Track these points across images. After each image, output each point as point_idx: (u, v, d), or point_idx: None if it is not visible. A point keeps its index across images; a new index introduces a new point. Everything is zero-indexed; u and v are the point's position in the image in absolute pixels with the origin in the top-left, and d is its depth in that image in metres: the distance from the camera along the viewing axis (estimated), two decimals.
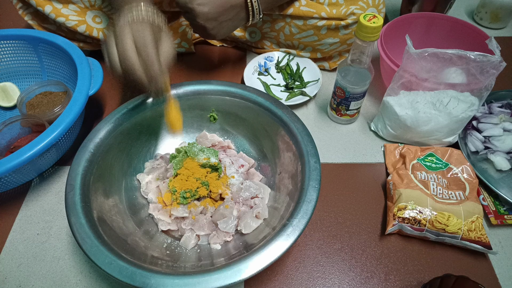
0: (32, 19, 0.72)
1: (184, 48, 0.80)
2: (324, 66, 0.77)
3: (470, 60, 0.52)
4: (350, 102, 0.62)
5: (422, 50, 0.53)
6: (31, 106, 0.65)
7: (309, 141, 0.51)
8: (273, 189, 0.55)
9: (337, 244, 0.53)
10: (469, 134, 0.62)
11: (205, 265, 0.45)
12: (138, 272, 0.39)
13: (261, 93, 0.57)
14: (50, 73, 0.71)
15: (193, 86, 0.59)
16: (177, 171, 0.53)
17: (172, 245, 0.50)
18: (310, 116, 0.70)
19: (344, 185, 0.60)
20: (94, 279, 0.50)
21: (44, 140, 0.50)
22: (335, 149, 0.65)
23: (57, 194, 0.59)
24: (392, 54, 0.63)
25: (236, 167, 0.57)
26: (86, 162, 0.49)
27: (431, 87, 0.56)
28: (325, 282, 0.50)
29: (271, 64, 0.78)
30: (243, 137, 0.61)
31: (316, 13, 0.66)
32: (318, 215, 0.56)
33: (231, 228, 0.50)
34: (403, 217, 0.51)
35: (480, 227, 0.50)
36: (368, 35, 0.51)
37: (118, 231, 0.46)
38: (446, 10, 0.85)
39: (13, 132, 0.61)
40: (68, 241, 0.54)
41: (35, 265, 0.52)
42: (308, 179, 0.46)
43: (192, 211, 0.51)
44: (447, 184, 0.55)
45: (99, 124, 0.53)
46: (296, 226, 0.42)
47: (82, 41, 0.76)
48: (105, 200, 0.49)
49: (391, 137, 0.65)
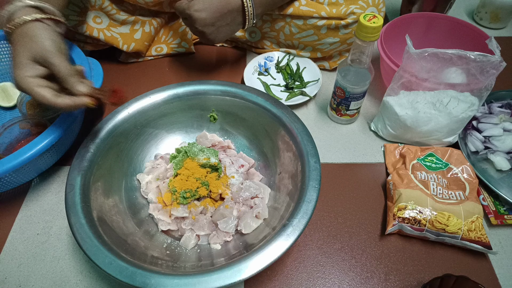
0: None
1: (184, 48, 0.80)
2: (324, 65, 0.77)
3: (470, 60, 0.52)
4: (350, 102, 0.62)
5: (422, 50, 0.53)
6: (31, 106, 0.65)
7: (309, 141, 0.51)
8: (273, 189, 0.55)
9: (337, 244, 0.53)
10: (469, 134, 0.62)
11: (205, 265, 0.45)
12: (138, 272, 0.39)
13: (261, 93, 0.58)
14: None
15: (193, 86, 0.59)
16: (177, 171, 0.53)
17: (172, 245, 0.50)
18: (310, 116, 0.70)
19: (344, 185, 0.60)
20: (94, 279, 0.50)
21: (44, 140, 0.50)
22: (335, 149, 0.65)
23: (57, 194, 0.59)
24: (392, 54, 0.63)
25: (236, 167, 0.57)
26: (86, 162, 0.49)
27: (431, 87, 0.56)
28: (325, 282, 0.50)
29: (271, 64, 0.78)
30: (243, 137, 0.61)
31: (316, 12, 0.66)
32: (318, 215, 0.56)
33: (231, 228, 0.50)
34: (403, 217, 0.51)
35: (480, 227, 0.50)
36: (368, 35, 0.51)
37: (118, 231, 0.46)
38: (446, 10, 0.85)
39: (12, 135, 0.61)
40: (68, 241, 0.54)
41: (35, 265, 0.52)
42: (308, 179, 0.47)
43: (192, 211, 0.51)
44: (447, 184, 0.55)
45: (99, 124, 0.53)
46: (296, 226, 0.42)
47: (82, 41, 0.76)
48: (105, 200, 0.49)
49: (391, 137, 0.65)
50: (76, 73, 0.46)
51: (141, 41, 0.76)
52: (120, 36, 0.74)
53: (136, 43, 0.75)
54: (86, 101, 0.46)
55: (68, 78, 0.45)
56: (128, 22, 0.74)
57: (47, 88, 0.45)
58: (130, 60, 0.80)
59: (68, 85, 0.45)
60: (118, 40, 0.73)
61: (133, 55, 0.80)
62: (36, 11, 0.48)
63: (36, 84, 0.44)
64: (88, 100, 0.46)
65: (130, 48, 0.75)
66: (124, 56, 0.80)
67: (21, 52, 0.44)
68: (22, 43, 0.45)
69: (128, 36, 0.74)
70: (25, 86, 0.44)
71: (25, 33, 0.45)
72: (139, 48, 0.76)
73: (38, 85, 0.44)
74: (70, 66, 0.46)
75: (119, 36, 0.74)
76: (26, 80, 0.44)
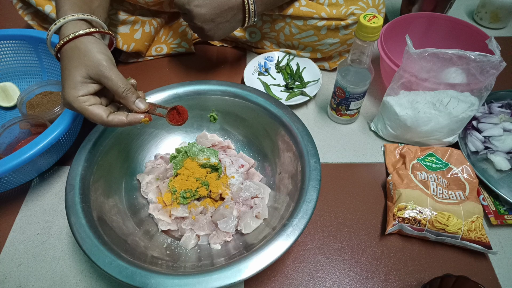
0: (32, 19, 0.72)
1: (184, 48, 0.80)
2: (324, 66, 0.77)
3: (470, 60, 0.52)
4: (350, 102, 0.62)
5: (422, 50, 0.53)
6: (31, 106, 0.65)
7: (309, 141, 0.51)
8: (273, 189, 0.55)
9: (337, 244, 0.53)
10: (469, 134, 0.62)
11: (205, 265, 0.45)
12: (138, 272, 0.39)
13: (261, 93, 0.58)
14: (50, 73, 0.71)
15: (193, 86, 0.59)
16: (177, 171, 0.53)
17: (172, 245, 0.50)
18: (310, 116, 0.70)
19: (344, 185, 0.60)
20: (94, 279, 0.50)
21: (44, 140, 0.50)
22: (335, 149, 0.65)
23: (57, 194, 0.59)
24: (392, 54, 0.63)
25: (236, 167, 0.57)
26: (86, 162, 0.49)
27: (431, 87, 0.56)
28: (325, 282, 0.50)
29: (271, 64, 0.78)
30: (243, 137, 0.61)
31: (316, 13, 0.66)
32: (318, 215, 0.56)
33: (231, 228, 0.50)
34: (403, 217, 0.51)
35: (480, 227, 0.50)
36: (368, 35, 0.51)
37: (118, 231, 0.46)
38: (446, 10, 0.85)
39: (12, 135, 0.61)
40: (68, 241, 0.54)
41: (35, 265, 0.52)
42: (308, 179, 0.47)
43: (192, 211, 0.51)
44: (447, 184, 0.55)
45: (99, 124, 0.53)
46: (296, 226, 0.42)
47: None
48: (105, 200, 0.49)
49: (391, 137, 0.65)
50: (132, 87, 0.44)
51: (141, 41, 0.76)
52: (120, 36, 0.74)
53: (136, 43, 0.75)
54: (141, 119, 0.44)
55: (126, 94, 0.43)
56: (128, 22, 0.74)
57: (101, 107, 0.43)
58: (130, 60, 0.81)
59: (127, 102, 0.44)
60: (118, 40, 0.73)
61: (133, 55, 0.80)
62: (86, 24, 0.46)
63: (89, 103, 0.43)
64: (144, 118, 0.44)
65: (130, 48, 0.75)
66: (124, 56, 0.80)
67: (73, 69, 0.43)
68: (74, 59, 0.43)
69: (128, 36, 0.74)
70: (78, 106, 0.42)
71: (77, 48, 0.43)
72: (139, 48, 0.76)
73: (91, 104, 0.43)
74: (126, 80, 0.44)
75: (119, 36, 0.74)
76: (79, 100, 0.42)
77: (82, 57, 0.43)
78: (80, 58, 0.43)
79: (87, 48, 0.43)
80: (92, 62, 0.42)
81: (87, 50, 0.43)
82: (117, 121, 0.44)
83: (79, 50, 0.43)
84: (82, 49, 0.43)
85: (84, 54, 0.43)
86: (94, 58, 0.43)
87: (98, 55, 0.43)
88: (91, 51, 0.43)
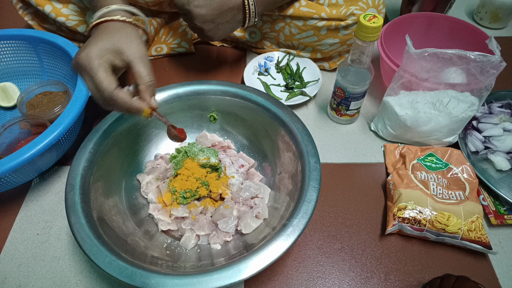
0: (32, 19, 0.72)
1: (184, 48, 0.80)
2: (324, 66, 0.77)
3: (470, 60, 0.52)
4: (350, 102, 0.62)
5: (422, 50, 0.53)
6: (31, 106, 0.65)
7: (309, 141, 0.51)
8: (273, 189, 0.55)
9: (337, 244, 0.53)
10: (469, 134, 0.62)
11: (205, 265, 0.45)
12: (138, 272, 0.39)
13: (261, 93, 0.58)
14: (50, 73, 0.71)
15: (193, 86, 0.59)
16: (177, 171, 0.53)
17: (172, 245, 0.50)
18: (310, 116, 0.70)
19: (344, 185, 0.60)
20: (94, 279, 0.50)
21: (44, 140, 0.50)
22: (335, 149, 0.65)
23: (57, 194, 0.59)
24: (392, 54, 0.63)
25: (236, 167, 0.57)
26: (86, 162, 0.49)
27: (431, 87, 0.56)
28: (325, 282, 0.50)
29: (271, 64, 0.78)
30: (243, 137, 0.61)
31: (316, 13, 0.66)
32: (318, 215, 0.56)
33: (231, 228, 0.50)
34: (403, 217, 0.51)
35: (480, 227, 0.50)
36: (368, 35, 0.51)
37: (118, 231, 0.46)
38: (446, 10, 0.85)
39: (12, 135, 0.61)
40: (68, 241, 0.54)
41: (35, 265, 0.52)
42: (308, 179, 0.47)
43: (192, 211, 0.51)
44: (447, 184, 0.55)
45: (99, 124, 0.53)
46: (296, 226, 0.42)
47: (82, 41, 0.76)
48: (105, 200, 0.49)
49: (391, 137, 0.65)
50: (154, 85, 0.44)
51: None
52: None
53: None
54: (145, 108, 0.44)
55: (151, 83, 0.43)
56: None
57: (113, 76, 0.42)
58: None
59: (145, 91, 0.43)
60: None
61: None
62: (131, 15, 0.47)
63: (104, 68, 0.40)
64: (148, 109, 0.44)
65: None
66: None
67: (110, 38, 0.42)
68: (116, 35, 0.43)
69: None
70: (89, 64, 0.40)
71: (123, 29, 0.44)
72: None
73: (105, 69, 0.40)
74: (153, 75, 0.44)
75: None
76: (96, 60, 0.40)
77: (124, 37, 0.43)
78: (122, 38, 0.43)
79: (132, 34, 0.45)
80: (134, 45, 0.43)
81: (132, 36, 0.44)
82: (121, 99, 0.42)
83: (125, 31, 0.44)
84: (128, 32, 0.44)
85: (127, 36, 0.44)
86: (137, 42, 0.44)
87: (141, 44, 0.44)
88: (136, 38, 0.44)
